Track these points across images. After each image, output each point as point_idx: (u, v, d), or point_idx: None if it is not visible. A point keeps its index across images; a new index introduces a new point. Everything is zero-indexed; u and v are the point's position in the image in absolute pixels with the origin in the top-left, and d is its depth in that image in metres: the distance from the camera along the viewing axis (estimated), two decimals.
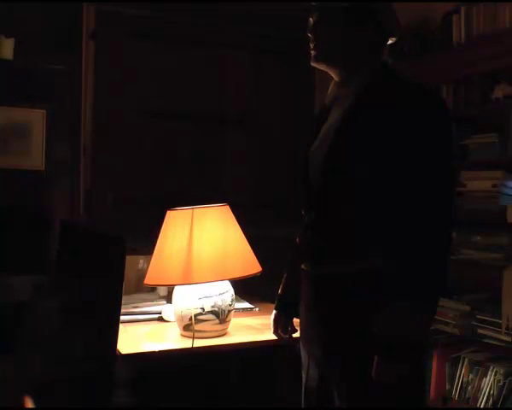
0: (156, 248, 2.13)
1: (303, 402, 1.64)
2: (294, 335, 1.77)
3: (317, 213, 1.51)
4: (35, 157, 2.94)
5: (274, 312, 1.79)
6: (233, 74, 3.54)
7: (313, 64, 1.56)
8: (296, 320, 1.75)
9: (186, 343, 1.99)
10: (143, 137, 3.29)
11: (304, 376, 1.62)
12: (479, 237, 2.49)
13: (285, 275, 1.79)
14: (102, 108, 3.17)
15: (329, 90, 1.61)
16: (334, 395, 1.47)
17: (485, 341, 2.43)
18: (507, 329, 2.32)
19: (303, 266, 1.56)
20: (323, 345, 1.50)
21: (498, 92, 2.50)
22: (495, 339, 2.38)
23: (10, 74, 2.80)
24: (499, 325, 2.35)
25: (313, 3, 1.52)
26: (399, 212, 1.37)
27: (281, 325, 1.77)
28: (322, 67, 1.56)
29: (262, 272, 2.12)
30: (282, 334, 1.78)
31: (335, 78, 1.58)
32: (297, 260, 1.63)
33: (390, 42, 1.56)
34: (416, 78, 1.81)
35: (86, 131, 3.11)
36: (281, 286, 1.79)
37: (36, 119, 2.94)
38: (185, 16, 3.30)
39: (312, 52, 1.54)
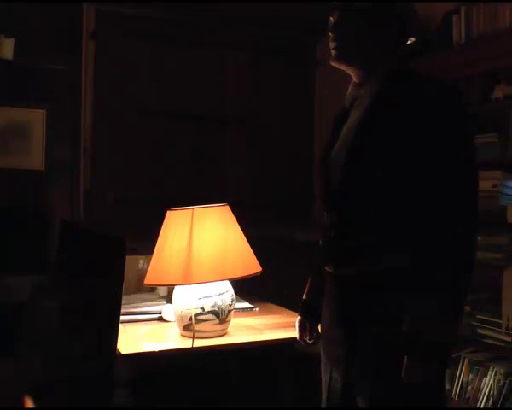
0: (156, 248, 2.13)
1: (323, 402, 1.59)
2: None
3: (339, 213, 1.48)
4: (35, 157, 2.94)
5: (298, 317, 1.74)
6: (233, 74, 3.54)
7: (333, 64, 1.52)
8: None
9: (186, 343, 1.99)
10: (143, 137, 3.29)
11: (324, 377, 1.59)
12: (479, 237, 2.47)
13: (310, 279, 1.74)
14: (102, 108, 3.17)
15: (348, 92, 1.58)
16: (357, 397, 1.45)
17: (485, 341, 2.43)
18: (507, 329, 2.31)
19: (327, 269, 1.53)
20: (349, 346, 1.46)
21: (498, 92, 2.50)
22: (495, 339, 2.38)
23: (10, 74, 2.80)
24: (499, 325, 2.35)
25: (335, 2, 1.48)
26: (423, 210, 1.35)
27: (306, 330, 1.72)
28: (342, 66, 1.52)
29: (262, 272, 2.12)
30: (307, 340, 1.72)
31: (354, 78, 1.55)
32: (320, 263, 1.60)
33: (409, 41, 1.53)
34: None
35: (86, 131, 3.11)
36: (305, 291, 1.74)
37: (36, 119, 2.94)
38: (185, 16, 3.30)
39: (333, 52, 1.50)
